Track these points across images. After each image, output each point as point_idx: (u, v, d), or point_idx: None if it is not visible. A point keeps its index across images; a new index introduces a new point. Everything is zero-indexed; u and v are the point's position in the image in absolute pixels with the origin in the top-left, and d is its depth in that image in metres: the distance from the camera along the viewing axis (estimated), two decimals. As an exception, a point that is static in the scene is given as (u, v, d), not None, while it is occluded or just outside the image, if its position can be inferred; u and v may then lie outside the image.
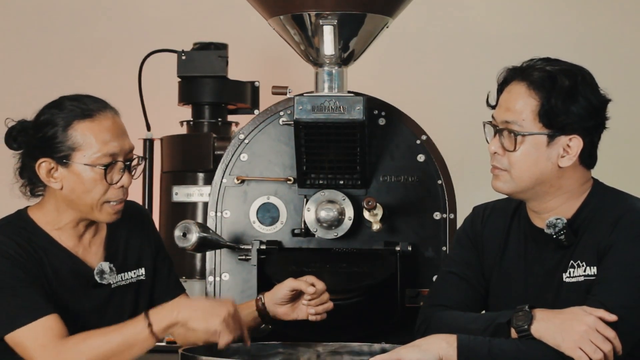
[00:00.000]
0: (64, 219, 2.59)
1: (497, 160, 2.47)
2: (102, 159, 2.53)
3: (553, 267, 2.48)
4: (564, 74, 2.42)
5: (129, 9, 4.65)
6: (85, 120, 2.53)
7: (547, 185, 2.45)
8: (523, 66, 2.48)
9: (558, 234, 2.44)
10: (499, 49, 4.50)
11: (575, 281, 2.43)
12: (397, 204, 3.08)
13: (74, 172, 2.53)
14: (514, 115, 2.42)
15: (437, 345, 2.32)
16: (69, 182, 2.54)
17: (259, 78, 3.76)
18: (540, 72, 2.43)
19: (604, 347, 2.27)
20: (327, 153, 3.00)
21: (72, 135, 2.52)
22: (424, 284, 3.06)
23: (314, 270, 2.96)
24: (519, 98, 2.43)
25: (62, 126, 2.52)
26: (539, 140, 2.42)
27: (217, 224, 3.11)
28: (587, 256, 2.43)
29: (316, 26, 2.96)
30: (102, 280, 2.61)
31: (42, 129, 2.54)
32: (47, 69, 4.61)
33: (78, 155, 2.52)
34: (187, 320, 2.46)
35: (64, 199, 2.56)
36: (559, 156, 2.43)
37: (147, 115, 3.72)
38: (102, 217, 2.59)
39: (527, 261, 2.53)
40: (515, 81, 2.46)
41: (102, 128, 2.54)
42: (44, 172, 2.53)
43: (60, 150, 2.52)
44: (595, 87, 2.46)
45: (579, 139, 2.42)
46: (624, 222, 2.41)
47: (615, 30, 4.56)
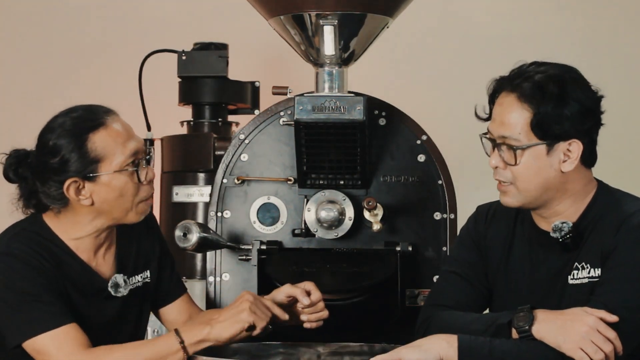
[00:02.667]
0: (86, 230, 2.56)
1: (499, 174, 2.47)
2: (128, 160, 2.51)
3: (558, 270, 2.48)
4: (552, 80, 2.40)
5: (128, 9, 4.65)
6: (99, 130, 2.50)
7: (552, 191, 2.45)
8: (511, 75, 2.46)
9: (564, 238, 2.44)
10: (500, 49, 4.50)
11: (579, 283, 2.43)
12: (397, 204, 3.08)
13: (103, 183, 2.50)
14: (510, 130, 2.42)
15: (438, 345, 2.32)
16: (99, 194, 2.51)
17: (259, 78, 3.76)
18: (529, 82, 2.41)
19: (605, 348, 2.27)
20: (327, 153, 3.00)
21: (92, 148, 2.48)
22: (424, 284, 3.06)
23: (314, 270, 2.97)
24: (511, 111, 2.42)
25: (77, 143, 2.48)
26: (538, 150, 2.41)
27: (217, 224, 3.11)
28: (592, 258, 2.43)
29: (316, 26, 2.96)
30: (117, 293, 2.60)
31: (57, 153, 2.48)
32: (47, 69, 4.61)
33: (104, 165, 2.50)
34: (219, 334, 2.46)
35: (92, 211, 2.53)
36: (561, 162, 2.42)
37: (148, 115, 3.72)
38: (137, 217, 2.58)
39: (532, 264, 2.53)
40: (504, 92, 2.44)
41: (116, 132, 2.52)
42: (73, 192, 2.49)
43: (83, 167, 2.48)
44: (585, 86, 2.44)
45: (578, 143, 2.41)
46: (628, 224, 2.41)
47: (616, 30, 4.56)
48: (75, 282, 2.55)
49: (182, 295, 2.80)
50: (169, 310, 2.79)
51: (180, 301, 2.80)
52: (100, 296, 2.59)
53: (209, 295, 3.11)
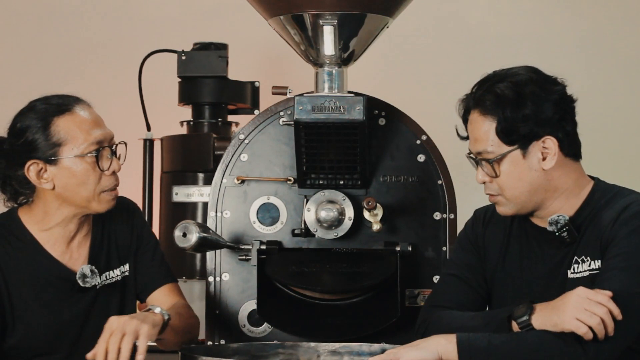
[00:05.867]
0: (55, 219, 2.59)
1: (488, 188, 2.53)
2: (90, 147, 2.54)
3: (557, 265, 2.49)
4: (507, 86, 2.45)
5: (129, 9, 4.65)
6: (64, 115, 2.54)
7: (541, 191, 2.47)
8: (472, 91, 2.53)
9: (560, 231, 2.46)
10: (500, 49, 4.50)
11: (580, 276, 2.45)
12: (397, 204, 3.07)
13: (64, 168, 2.54)
14: (482, 144, 2.48)
15: (436, 344, 2.33)
16: (60, 179, 2.54)
17: (259, 78, 3.76)
18: (487, 94, 2.47)
19: (598, 311, 2.26)
20: (327, 153, 3.00)
21: (55, 131, 2.53)
22: (424, 284, 3.06)
23: (313, 270, 2.96)
24: (478, 127, 2.49)
25: (42, 126, 2.53)
26: (514, 157, 2.45)
27: (217, 224, 3.11)
28: (591, 251, 2.44)
29: (316, 26, 2.96)
30: (85, 283, 2.60)
31: (22, 134, 2.53)
32: (47, 69, 4.61)
33: (65, 149, 2.53)
34: None
35: (56, 197, 2.56)
36: (540, 161, 2.45)
37: (147, 115, 3.72)
38: (101, 207, 2.59)
39: (530, 260, 2.54)
40: (472, 110, 2.52)
41: (82, 119, 2.56)
42: (34, 174, 2.53)
43: (46, 149, 2.52)
44: (543, 82, 2.46)
45: (551, 138, 2.44)
46: (626, 214, 2.42)
47: (616, 30, 4.56)
48: (40, 275, 2.56)
49: (163, 286, 2.76)
50: (150, 301, 2.75)
51: (158, 293, 2.76)
52: (72, 289, 2.60)
53: (208, 295, 3.10)
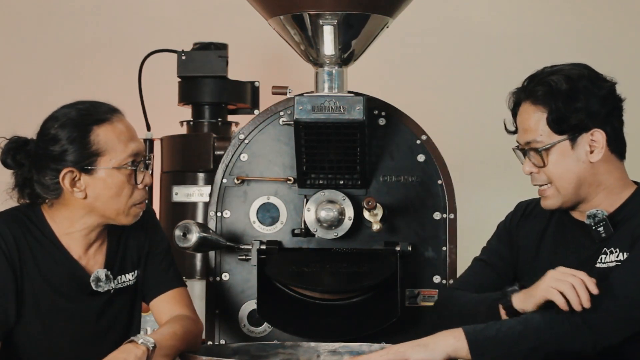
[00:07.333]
0: (77, 227, 2.56)
1: (535, 179, 2.58)
2: (128, 159, 2.51)
3: (588, 257, 2.53)
4: (560, 78, 2.52)
5: (129, 9, 4.65)
6: (104, 124, 2.50)
7: (586, 185, 2.53)
8: (523, 85, 2.59)
9: (597, 225, 2.51)
10: (500, 49, 4.50)
11: (606, 267, 2.48)
12: (397, 204, 3.08)
13: (99, 178, 2.50)
14: (531, 134, 2.54)
15: (444, 342, 2.32)
16: (93, 189, 2.50)
17: (259, 78, 3.76)
18: (539, 86, 2.53)
19: (570, 279, 2.31)
20: (327, 153, 3.00)
21: (95, 141, 2.48)
22: (424, 284, 3.06)
23: (313, 270, 2.96)
24: (529, 117, 2.54)
25: (80, 134, 2.48)
26: (563, 147, 2.52)
27: (217, 224, 3.11)
28: (622, 243, 2.49)
29: (316, 26, 2.96)
30: (98, 287, 2.58)
31: (57, 140, 2.48)
32: (47, 69, 4.61)
33: (103, 160, 2.49)
34: None
35: (84, 206, 2.52)
36: (588, 153, 2.52)
37: (147, 115, 3.72)
38: (127, 220, 2.57)
39: (564, 250, 2.59)
40: (522, 102, 2.57)
41: (120, 130, 2.52)
42: (68, 182, 2.49)
43: (82, 158, 2.48)
44: (594, 77, 2.54)
45: (599, 131, 2.51)
46: None
47: (616, 30, 4.56)
48: (56, 275, 2.54)
49: (168, 291, 2.73)
50: (153, 306, 2.73)
51: (161, 299, 2.72)
52: (85, 291, 2.58)
53: (208, 295, 3.10)
